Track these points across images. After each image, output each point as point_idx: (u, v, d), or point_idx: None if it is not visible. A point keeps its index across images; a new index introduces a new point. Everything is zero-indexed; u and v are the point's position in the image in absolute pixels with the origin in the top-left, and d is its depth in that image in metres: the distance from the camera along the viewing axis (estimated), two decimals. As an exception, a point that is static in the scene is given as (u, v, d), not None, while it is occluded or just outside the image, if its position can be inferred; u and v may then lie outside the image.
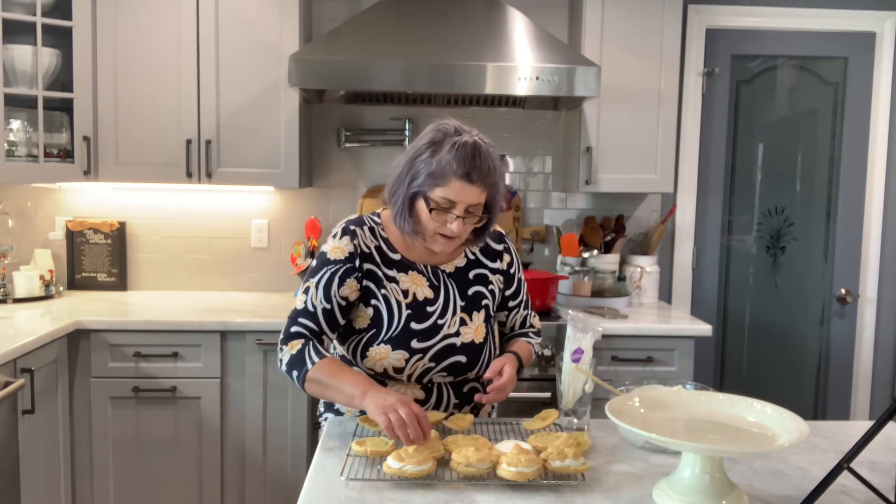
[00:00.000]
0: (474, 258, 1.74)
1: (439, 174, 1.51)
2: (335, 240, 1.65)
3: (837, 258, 3.50)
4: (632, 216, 3.44)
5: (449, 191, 1.52)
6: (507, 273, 1.78)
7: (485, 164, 1.52)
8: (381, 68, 2.69)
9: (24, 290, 2.98)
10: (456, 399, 1.71)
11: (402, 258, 1.67)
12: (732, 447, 1.24)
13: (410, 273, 1.66)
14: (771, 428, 1.27)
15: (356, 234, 1.64)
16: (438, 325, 1.64)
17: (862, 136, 3.45)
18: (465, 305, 1.69)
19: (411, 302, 1.64)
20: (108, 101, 2.91)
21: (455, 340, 1.65)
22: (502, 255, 1.76)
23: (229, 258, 3.34)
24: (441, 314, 1.65)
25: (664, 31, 3.02)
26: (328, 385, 1.54)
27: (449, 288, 1.68)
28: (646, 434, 1.17)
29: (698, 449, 1.18)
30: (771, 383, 3.55)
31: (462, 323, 1.67)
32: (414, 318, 1.63)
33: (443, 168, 1.51)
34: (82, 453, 2.71)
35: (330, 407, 1.78)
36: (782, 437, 1.22)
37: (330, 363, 1.55)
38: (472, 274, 1.72)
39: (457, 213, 1.54)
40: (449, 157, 1.51)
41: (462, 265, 1.72)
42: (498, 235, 1.78)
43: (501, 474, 1.30)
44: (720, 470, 1.22)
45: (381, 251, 1.66)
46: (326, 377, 1.53)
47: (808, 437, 1.18)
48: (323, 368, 1.54)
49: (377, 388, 1.48)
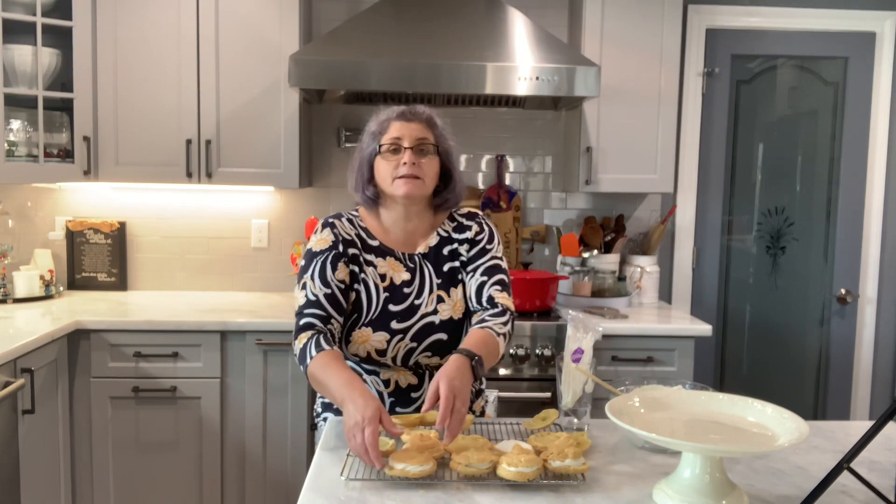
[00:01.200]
0: (447, 235, 1.77)
1: (380, 128, 1.70)
2: (316, 235, 1.74)
3: (837, 258, 3.50)
4: (632, 216, 3.44)
5: (391, 132, 1.68)
6: (473, 240, 1.77)
7: (418, 108, 1.72)
8: (381, 68, 2.69)
9: (24, 290, 2.98)
10: None
11: (380, 244, 1.74)
12: (732, 447, 1.24)
13: (388, 259, 1.73)
14: (771, 428, 1.27)
15: (335, 225, 1.74)
16: (415, 304, 1.70)
17: (862, 136, 3.45)
18: (442, 283, 1.73)
19: (388, 285, 1.70)
20: (108, 101, 2.91)
21: (433, 318, 1.69)
22: (471, 227, 1.78)
23: (229, 258, 3.34)
24: (417, 294, 1.71)
25: (664, 31, 3.02)
26: (321, 384, 1.55)
27: (424, 268, 1.74)
28: (645, 434, 1.17)
29: (698, 449, 1.18)
30: (771, 383, 3.55)
31: (440, 300, 1.71)
32: (391, 300, 1.69)
33: (381, 121, 1.71)
34: (82, 453, 2.71)
35: (328, 407, 1.78)
36: (782, 437, 1.21)
37: (322, 361, 1.54)
38: (447, 250, 1.76)
39: (405, 144, 1.66)
40: (386, 112, 1.72)
41: (435, 243, 1.76)
42: (472, 214, 1.81)
43: (501, 474, 1.30)
44: (720, 470, 1.22)
45: (361, 238, 1.74)
46: (319, 376, 1.54)
47: (808, 437, 1.18)
48: (316, 367, 1.54)
49: (352, 398, 1.40)
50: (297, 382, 2.74)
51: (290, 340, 2.68)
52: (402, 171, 1.65)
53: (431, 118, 1.72)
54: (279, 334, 2.71)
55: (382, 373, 1.71)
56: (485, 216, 1.83)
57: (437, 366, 1.73)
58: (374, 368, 1.71)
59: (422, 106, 1.73)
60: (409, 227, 1.75)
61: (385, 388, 1.71)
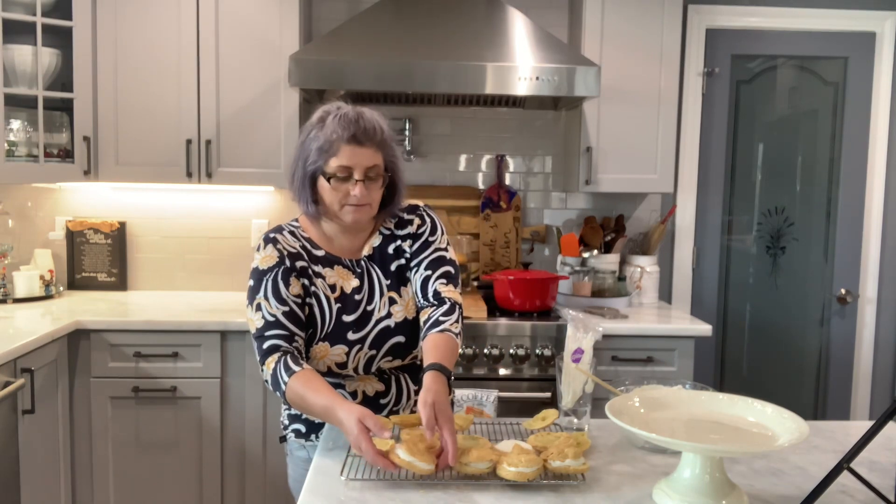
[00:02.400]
0: (389, 233, 1.72)
1: (328, 145, 1.57)
2: (259, 252, 1.64)
3: (837, 258, 3.50)
4: (632, 216, 3.44)
5: (342, 158, 1.56)
6: (415, 234, 1.72)
7: (369, 125, 1.59)
8: (381, 68, 2.69)
9: (24, 290, 2.98)
10: (416, 386, 1.70)
11: (325, 254, 1.67)
12: (732, 447, 1.24)
13: (336, 268, 1.67)
14: (771, 428, 1.27)
15: (277, 241, 1.64)
16: (368, 311, 1.65)
17: (862, 136, 3.45)
18: (391, 284, 1.68)
19: (339, 296, 1.64)
20: (108, 101, 2.91)
21: (388, 322, 1.65)
22: (412, 221, 1.73)
23: (229, 258, 3.34)
24: (369, 300, 1.66)
25: (664, 32, 3.02)
26: (303, 409, 1.51)
27: (372, 272, 1.69)
28: (646, 434, 1.17)
29: (698, 449, 1.18)
30: (771, 383, 3.55)
31: (392, 302, 1.67)
32: (344, 310, 1.64)
33: (329, 138, 1.57)
34: (82, 453, 2.71)
35: (297, 418, 1.72)
36: (782, 437, 1.21)
37: (296, 387, 1.48)
38: (391, 248, 1.71)
39: (356, 177, 1.56)
40: (333, 126, 1.57)
41: (378, 243, 1.71)
42: (412, 207, 1.76)
43: (501, 474, 1.30)
44: (720, 470, 1.22)
45: (306, 249, 1.66)
46: (299, 404, 1.50)
47: (808, 437, 1.18)
48: (293, 395, 1.49)
49: (338, 421, 1.39)
50: (297, 382, 2.74)
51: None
52: (352, 201, 1.58)
53: (383, 138, 1.61)
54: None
55: (348, 384, 1.66)
56: (426, 207, 1.78)
57: (400, 369, 1.70)
58: (338, 381, 1.66)
59: (372, 118, 1.61)
60: (354, 236, 1.70)
61: (353, 399, 1.65)
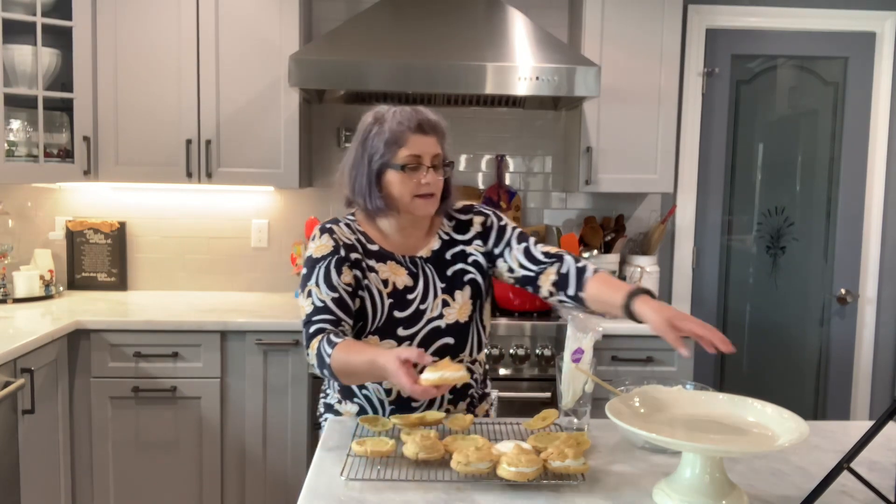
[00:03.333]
0: (448, 238, 1.74)
1: (395, 138, 1.60)
2: (315, 241, 1.68)
3: (837, 258, 3.50)
4: (632, 216, 3.44)
5: (411, 147, 1.60)
6: (486, 231, 1.75)
7: (431, 116, 1.65)
8: (380, 68, 2.69)
9: (24, 290, 2.98)
10: (450, 394, 1.71)
11: (380, 248, 1.69)
12: (732, 447, 1.24)
13: (389, 263, 1.68)
14: (771, 428, 1.27)
15: (333, 231, 1.67)
16: (420, 310, 1.67)
17: (862, 136, 3.45)
18: (446, 287, 1.70)
19: (392, 291, 1.66)
20: (108, 101, 2.91)
21: (439, 323, 1.67)
22: (472, 222, 1.76)
23: (229, 258, 3.34)
24: (422, 299, 1.67)
25: (664, 32, 3.02)
26: (350, 375, 1.52)
27: (427, 273, 1.70)
28: (646, 434, 1.17)
29: (698, 449, 1.18)
30: (771, 383, 3.55)
31: (445, 304, 1.69)
32: (396, 306, 1.65)
33: (395, 130, 1.60)
34: (82, 453, 2.71)
35: (329, 408, 1.78)
36: (782, 437, 1.22)
37: (339, 355, 1.49)
38: (450, 254, 1.73)
39: (426, 164, 1.61)
40: (397, 120, 1.61)
41: (437, 247, 1.73)
42: (465, 207, 1.78)
43: (501, 474, 1.30)
44: (720, 470, 1.22)
45: (361, 243, 1.68)
46: (343, 369, 1.50)
47: (808, 436, 1.18)
48: (338, 363, 1.49)
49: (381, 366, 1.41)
50: (297, 382, 2.74)
51: (289, 340, 2.70)
52: (424, 191, 1.61)
53: (444, 131, 1.66)
54: (279, 334, 2.71)
55: (385, 381, 1.67)
56: (478, 203, 1.81)
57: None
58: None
59: (431, 114, 1.65)
60: (409, 233, 1.72)
61: (387, 396, 1.68)
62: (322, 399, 1.81)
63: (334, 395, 1.77)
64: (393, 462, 1.40)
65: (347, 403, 1.73)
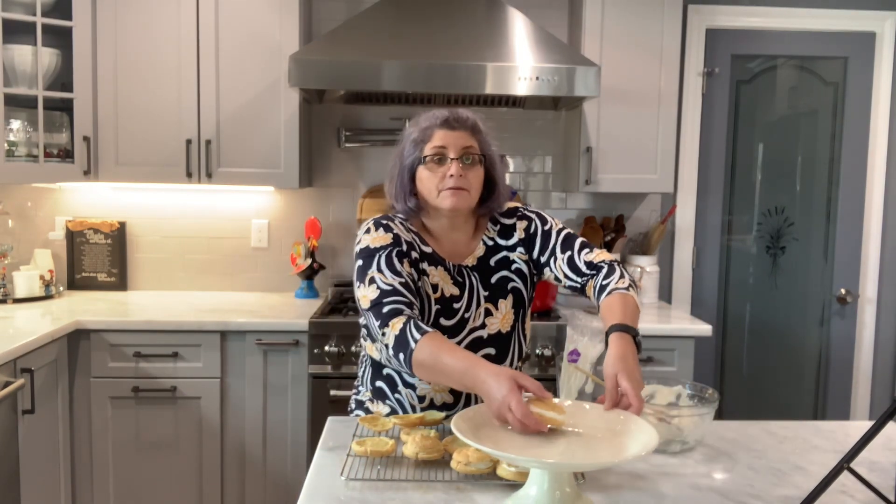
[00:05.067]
0: (493, 244, 1.71)
1: (422, 134, 1.62)
2: (370, 234, 1.61)
3: (837, 258, 3.50)
4: (632, 216, 3.44)
5: (436, 140, 1.60)
6: (529, 238, 1.71)
7: (462, 114, 1.63)
8: (381, 68, 2.69)
9: (24, 290, 2.98)
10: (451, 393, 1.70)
11: (433, 252, 1.66)
12: (575, 461, 1.19)
13: (439, 268, 1.65)
14: (626, 440, 1.23)
15: (391, 227, 1.62)
16: (465, 318, 1.64)
17: (862, 136, 3.45)
18: (489, 295, 1.67)
19: (439, 297, 1.63)
20: (108, 101, 2.91)
21: (482, 333, 1.65)
22: (515, 227, 1.72)
23: (229, 258, 3.34)
24: (466, 308, 1.64)
25: (664, 31, 3.02)
26: (434, 372, 1.42)
27: (473, 282, 1.67)
28: (485, 448, 1.13)
29: (545, 465, 1.15)
30: (771, 383, 3.55)
31: (487, 314, 1.66)
32: (442, 313, 1.62)
33: (423, 129, 1.62)
34: (82, 453, 2.71)
35: (360, 405, 1.74)
36: (631, 448, 1.19)
37: (428, 347, 1.40)
38: (493, 260, 1.70)
39: (452, 155, 1.59)
40: (426, 117, 1.64)
41: (482, 254, 1.70)
42: (510, 211, 1.74)
43: (501, 474, 1.30)
44: (570, 485, 1.17)
45: (416, 243, 1.65)
46: (430, 364, 1.41)
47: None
48: (424, 354, 1.40)
49: (483, 381, 1.31)
50: (297, 382, 2.74)
51: (289, 340, 2.70)
52: (449, 183, 1.57)
53: (476, 124, 1.63)
54: (279, 334, 2.71)
55: (419, 388, 1.64)
56: (524, 206, 1.77)
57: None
58: (413, 381, 1.64)
59: (465, 110, 1.64)
60: (455, 237, 1.68)
61: (419, 402, 1.65)
62: (354, 395, 1.78)
63: (366, 393, 1.74)
64: (393, 462, 1.40)
65: (379, 404, 1.70)
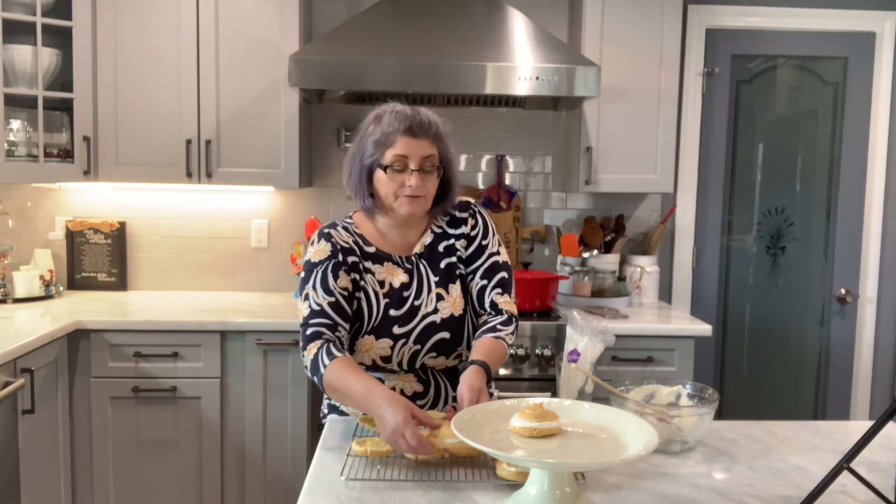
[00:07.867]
0: (441, 231, 1.76)
1: (385, 138, 1.62)
2: (313, 246, 1.71)
3: (837, 258, 3.50)
4: (632, 216, 3.44)
5: (398, 148, 1.61)
6: (469, 236, 1.75)
7: (424, 119, 1.63)
8: (380, 68, 2.69)
9: (24, 290, 2.98)
10: (453, 392, 1.72)
11: (377, 250, 1.72)
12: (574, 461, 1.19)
13: (386, 264, 1.71)
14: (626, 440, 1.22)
15: (331, 236, 1.70)
16: (415, 306, 1.69)
17: (862, 136, 3.45)
18: (440, 280, 1.72)
19: (388, 291, 1.69)
20: (108, 101, 2.91)
21: (434, 318, 1.69)
22: (466, 221, 1.76)
23: (229, 258, 3.34)
24: (416, 295, 1.70)
25: (664, 31, 3.02)
26: (340, 394, 1.54)
27: (422, 268, 1.72)
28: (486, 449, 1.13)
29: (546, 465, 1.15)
30: (771, 383, 3.55)
31: (439, 298, 1.71)
32: (392, 305, 1.68)
33: (386, 131, 1.62)
34: (82, 453, 2.71)
35: (334, 409, 1.78)
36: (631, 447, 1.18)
37: (336, 370, 1.52)
38: (442, 247, 1.75)
39: (412, 166, 1.61)
40: (390, 120, 1.62)
41: (430, 241, 1.74)
42: (464, 205, 1.79)
43: (501, 474, 1.30)
44: (570, 485, 1.17)
45: (358, 245, 1.71)
46: (336, 386, 1.52)
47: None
48: (332, 377, 1.52)
49: (378, 405, 1.41)
50: (297, 382, 2.74)
51: (289, 340, 2.70)
52: (408, 192, 1.62)
53: (437, 131, 1.66)
54: (279, 334, 2.71)
55: (387, 381, 1.70)
56: (477, 205, 1.81)
57: (442, 367, 1.73)
58: (379, 376, 1.70)
59: (427, 114, 1.65)
60: (407, 232, 1.74)
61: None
62: (326, 400, 1.81)
63: None
64: (393, 462, 1.40)
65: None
